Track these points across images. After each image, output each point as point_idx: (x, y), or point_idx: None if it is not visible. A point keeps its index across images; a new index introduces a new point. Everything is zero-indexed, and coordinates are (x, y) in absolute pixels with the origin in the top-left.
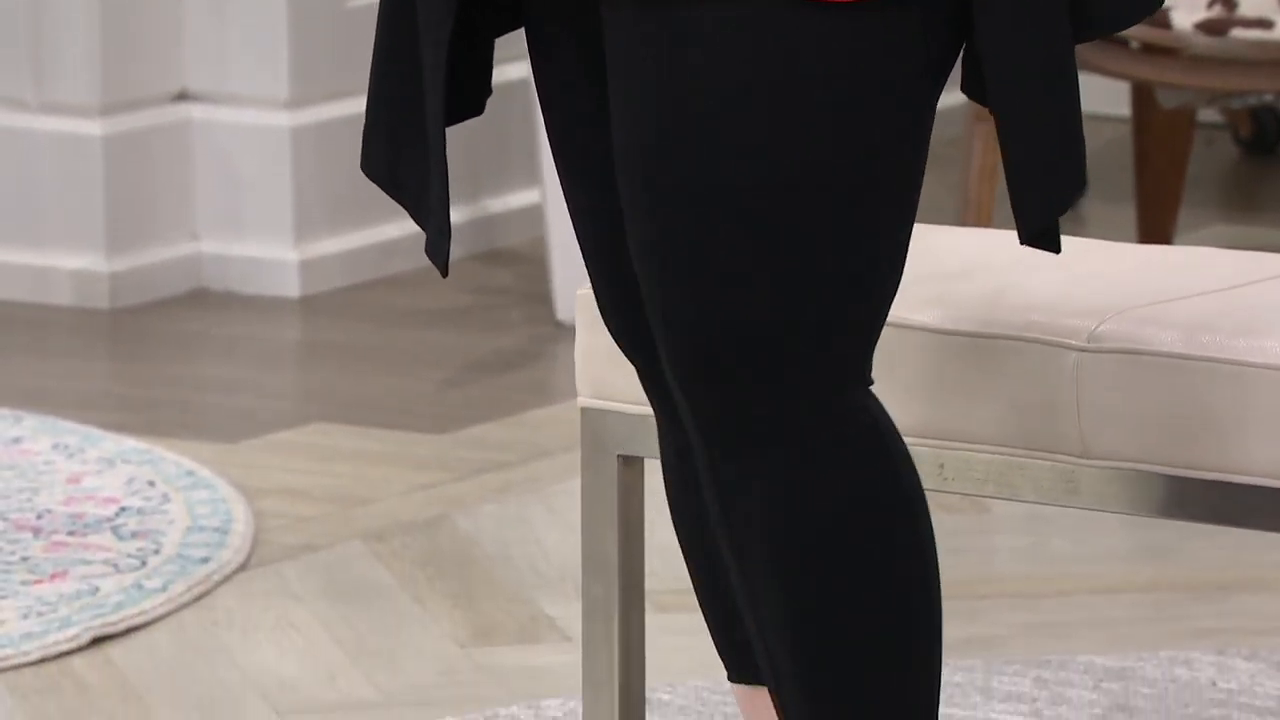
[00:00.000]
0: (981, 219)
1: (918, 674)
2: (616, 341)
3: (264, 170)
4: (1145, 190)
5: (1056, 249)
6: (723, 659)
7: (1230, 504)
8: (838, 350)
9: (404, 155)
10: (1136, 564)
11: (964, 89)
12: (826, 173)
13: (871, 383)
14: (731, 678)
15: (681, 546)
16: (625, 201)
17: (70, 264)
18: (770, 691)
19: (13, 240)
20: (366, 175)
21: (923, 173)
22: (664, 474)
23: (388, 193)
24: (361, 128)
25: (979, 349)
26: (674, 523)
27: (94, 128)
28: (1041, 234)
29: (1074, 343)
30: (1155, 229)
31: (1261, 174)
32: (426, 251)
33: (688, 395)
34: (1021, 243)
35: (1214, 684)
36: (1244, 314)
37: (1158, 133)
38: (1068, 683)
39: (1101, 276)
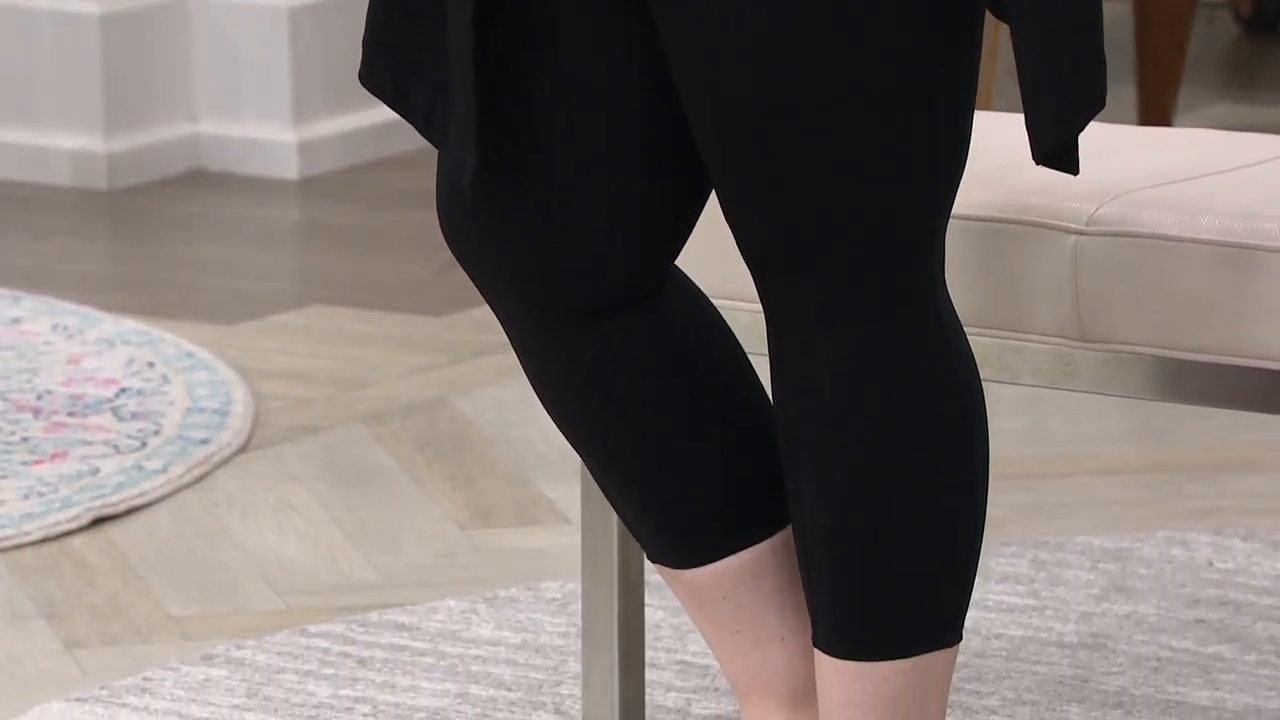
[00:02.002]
0: (981, 101)
1: (950, 566)
2: (473, 263)
3: (262, 50)
4: (1145, 70)
5: (1074, 169)
6: (642, 543)
7: (1229, 386)
8: (900, 243)
9: (412, 71)
10: (1133, 445)
11: (987, 4)
12: (885, 77)
13: (939, 275)
14: (652, 558)
15: (581, 441)
16: (692, 111)
17: (68, 144)
18: (801, 569)
19: (10, 120)
20: (366, 88)
21: (977, 68)
22: (538, 378)
23: (392, 108)
24: (360, 6)
25: (977, 232)
26: (570, 425)
27: (91, 6)
28: (1058, 153)
29: (1073, 226)
30: (1155, 109)
31: (1262, 53)
32: (447, 168)
33: (759, 280)
34: (1036, 162)
35: (1210, 564)
36: (1243, 196)
37: (1158, 12)
38: (1065, 564)
39: (1101, 159)
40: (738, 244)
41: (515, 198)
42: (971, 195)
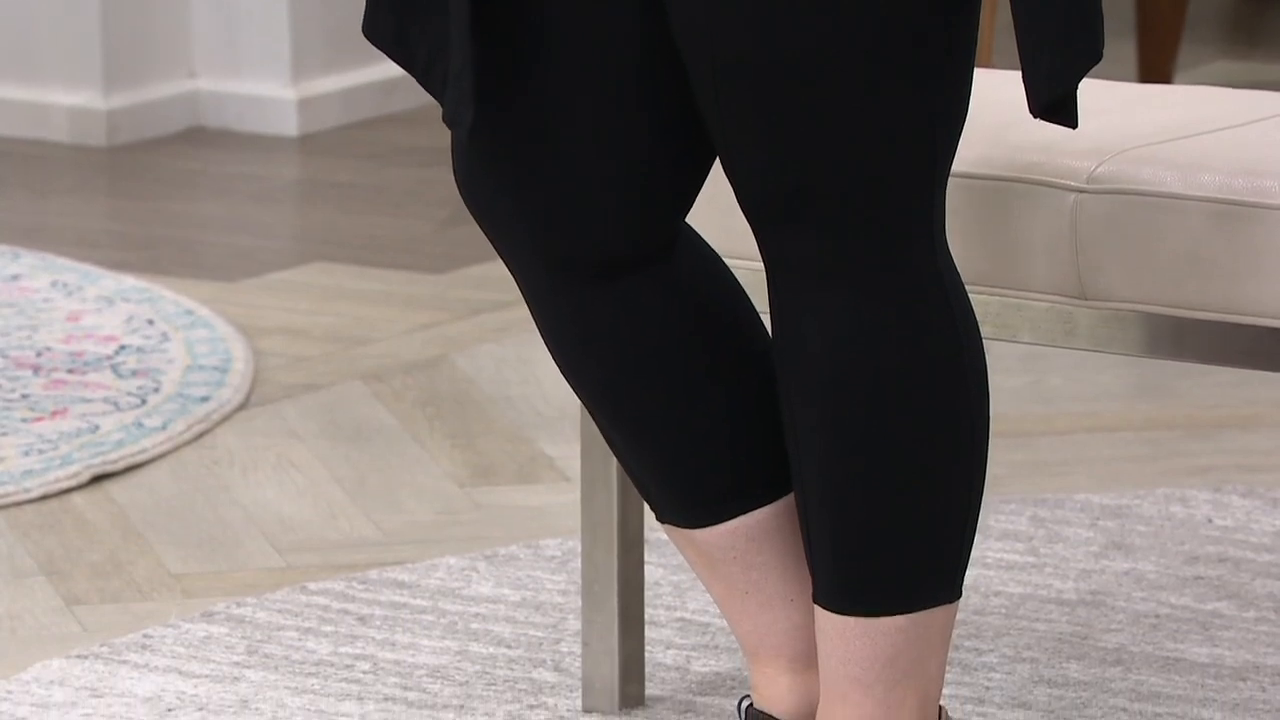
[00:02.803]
0: (981, 58)
1: (949, 522)
2: (487, 216)
3: (261, 7)
4: (1146, 27)
5: (1073, 123)
6: (652, 503)
7: (1228, 344)
8: (899, 199)
9: (414, 23)
10: (1133, 402)
11: None
12: (883, 37)
13: (940, 231)
14: (662, 519)
15: (594, 399)
16: (692, 71)
17: (67, 100)
18: (801, 524)
19: (9, 76)
20: (370, 40)
21: (976, 25)
22: (551, 333)
23: (394, 60)
24: None
25: (979, 190)
26: (582, 381)
27: None
28: (1055, 106)
29: (1073, 184)
30: (1156, 66)
31: (1262, 10)
32: (445, 120)
33: (760, 237)
34: (1034, 115)
35: (1210, 521)
36: (1243, 153)
37: None
38: (1064, 521)
39: (1101, 116)
40: (738, 200)
41: (524, 153)
42: (971, 153)
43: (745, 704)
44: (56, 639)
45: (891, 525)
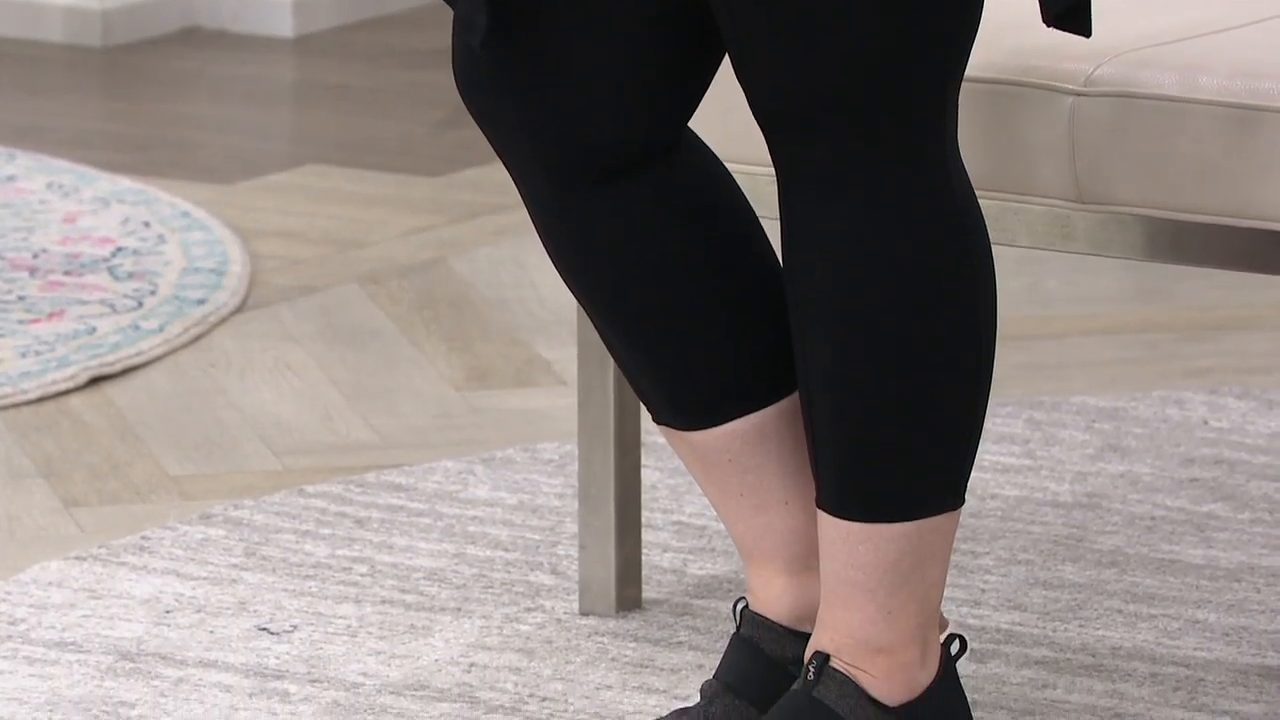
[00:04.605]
0: None
1: (954, 428)
2: (489, 118)
3: None
4: None
5: (1086, 31)
6: (648, 404)
7: (1226, 246)
8: (911, 102)
9: None
10: (1129, 305)
11: None
12: None
13: (952, 135)
14: (658, 420)
15: (592, 302)
16: None
17: (62, 0)
18: (806, 430)
19: None
20: None
21: None
22: (551, 236)
23: None
24: None
25: (976, 94)
26: (581, 285)
27: None
28: (1068, 14)
29: (1070, 86)
30: None
31: None
32: (457, 29)
33: (771, 140)
34: (1046, 24)
35: (1206, 423)
36: (1242, 55)
37: None
38: (1060, 424)
39: (1099, 18)
40: (751, 107)
41: (528, 57)
42: (971, 57)
43: (740, 606)
44: (55, 540)
45: (899, 432)
